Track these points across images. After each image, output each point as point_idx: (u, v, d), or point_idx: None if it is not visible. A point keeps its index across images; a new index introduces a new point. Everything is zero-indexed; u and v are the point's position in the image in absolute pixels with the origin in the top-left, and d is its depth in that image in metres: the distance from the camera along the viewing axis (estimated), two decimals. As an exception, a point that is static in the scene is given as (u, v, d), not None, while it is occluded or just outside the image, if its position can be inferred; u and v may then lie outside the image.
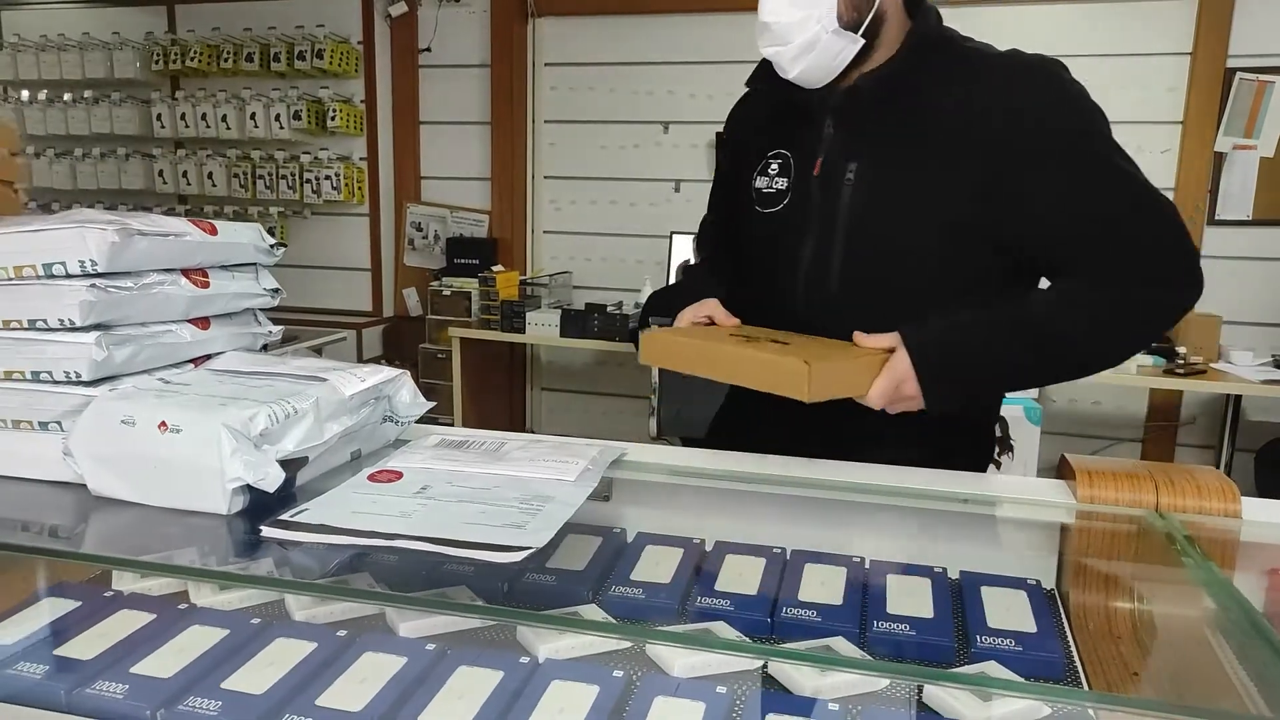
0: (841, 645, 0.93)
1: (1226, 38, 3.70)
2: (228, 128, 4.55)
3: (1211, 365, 3.50)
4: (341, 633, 0.95)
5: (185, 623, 0.96)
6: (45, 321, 1.00)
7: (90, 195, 4.88)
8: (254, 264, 1.22)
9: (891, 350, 1.13)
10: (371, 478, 1.01)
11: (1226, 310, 3.68)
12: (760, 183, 1.30)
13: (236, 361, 1.14)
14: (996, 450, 3.00)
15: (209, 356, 1.16)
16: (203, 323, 1.14)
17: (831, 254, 1.23)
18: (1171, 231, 1.14)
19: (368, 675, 0.84)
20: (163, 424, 0.93)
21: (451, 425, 2.21)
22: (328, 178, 4.50)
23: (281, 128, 4.47)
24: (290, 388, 1.03)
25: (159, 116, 4.65)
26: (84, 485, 0.99)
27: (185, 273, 1.11)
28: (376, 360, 4.68)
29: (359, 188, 4.60)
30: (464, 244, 4.56)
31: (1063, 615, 0.99)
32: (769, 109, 1.34)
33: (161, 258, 1.06)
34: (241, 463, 0.91)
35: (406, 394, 1.17)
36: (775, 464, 1.23)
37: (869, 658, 0.90)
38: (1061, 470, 1.11)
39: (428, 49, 4.53)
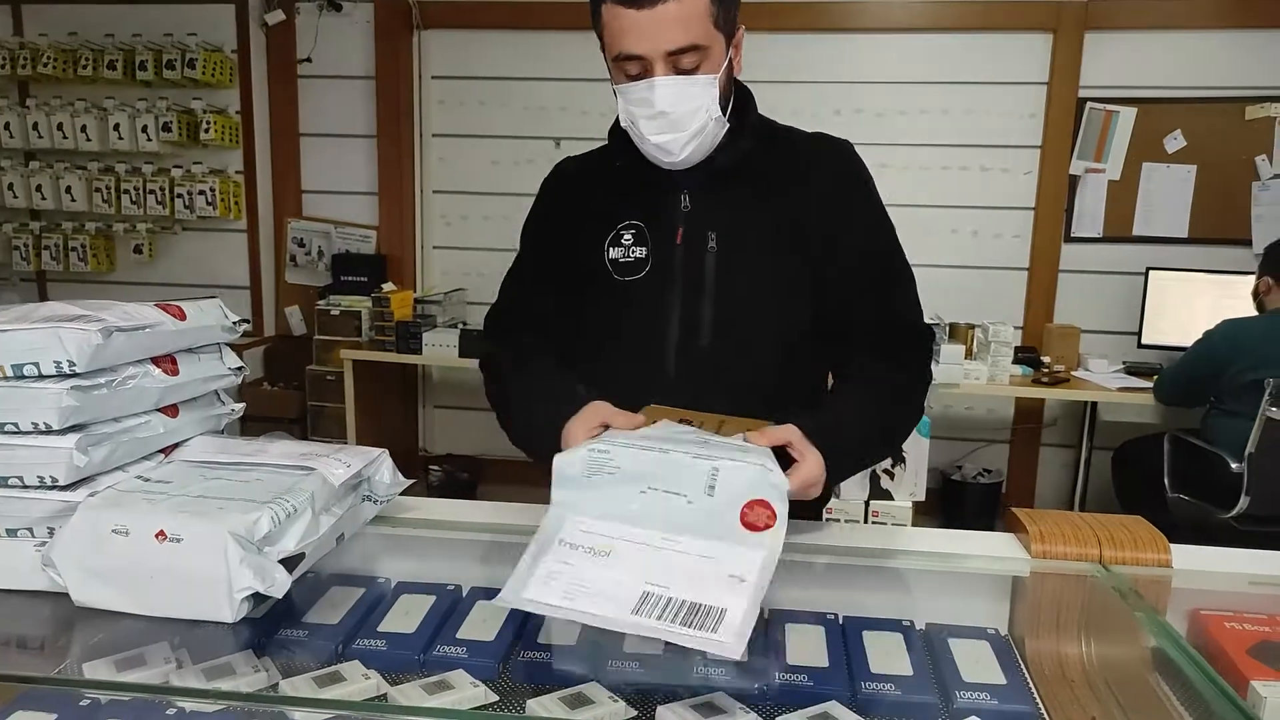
0: (838, 711, 0.99)
1: (1078, 71, 4.01)
2: (88, 139, 4.27)
3: (1072, 373, 3.80)
4: (346, 730, 0.95)
5: (177, 730, 0.94)
6: (16, 425, 0.95)
7: (-73, 209, 4.49)
8: (216, 343, 1.19)
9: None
10: None
11: (1083, 321, 4.01)
12: (615, 253, 1.36)
13: (209, 449, 1.11)
14: (890, 462, 3.17)
15: (176, 444, 1.12)
16: (172, 410, 1.10)
17: (701, 312, 1.33)
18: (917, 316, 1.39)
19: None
20: (160, 533, 0.90)
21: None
22: (201, 192, 4.29)
23: (149, 139, 4.23)
24: (280, 481, 1.01)
25: (7, 125, 4.32)
26: (58, 594, 0.95)
27: (154, 361, 1.07)
28: (258, 383, 4.50)
29: (236, 202, 4.41)
30: (351, 260, 4.44)
31: (1021, 662, 1.08)
32: (607, 184, 1.40)
33: (135, 351, 1.02)
34: (250, 570, 0.89)
35: (386, 473, 1.17)
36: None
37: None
38: (1010, 524, 1.22)
39: (308, 59, 4.38)
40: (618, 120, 1.35)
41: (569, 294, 1.40)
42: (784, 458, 1.20)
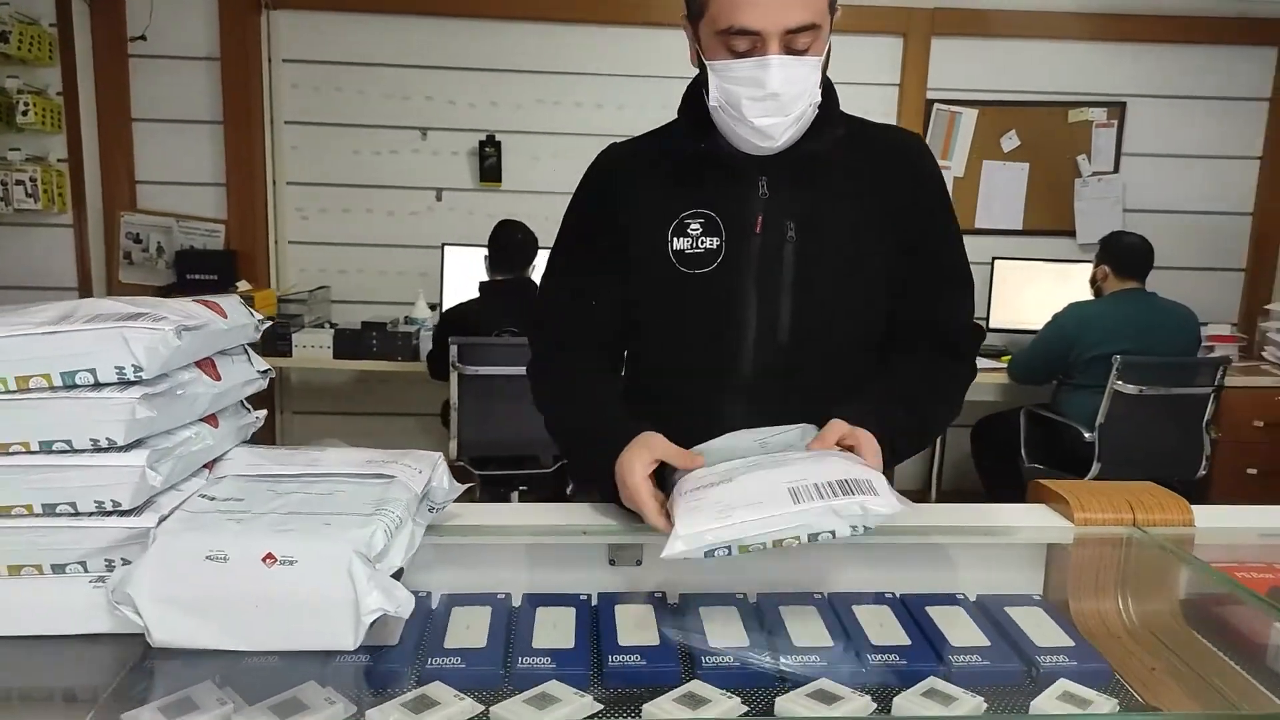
0: (943, 685, 1.01)
1: (925, 74, 4.29)
2: None
3: (932, 356, 4.06)
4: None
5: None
6: (68, 443, 0.81)
7: None
8: (241, 345, 1.06)
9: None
10: None
11: (938, 308, 4.29)
12: (680, 243, 1.28)
13: (257, 460, 0.99)
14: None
15: (215, 458, 1.00)
16: (213, 420, 0.97)
17: (779, 309, 1.28)
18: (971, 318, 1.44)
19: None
20: (269, 556, 0.80)
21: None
22: (20, 182, 3.82)
23: (-48, 122, 3.73)
24: (366, 491, 0.92)
25: None
26: (114, 635, 0.83)
27: (197, 365, 0.94)
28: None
29: (60, 194, 3.95)
30: (197, 257, 4.09)
31: (1073, 624, 1.15)
32: (666, 170, 1.32)
33: (189, 353, 0.90)
34: (379, 590, 0.81)
35: (444, 479, 1.09)
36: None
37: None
38: (1038, 496, 1.29)
39: (141, 37, 3.99)
40: (688, 101, 1.30)
41: (625, 290, 1.32)
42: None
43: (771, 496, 0.98)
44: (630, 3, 4.12)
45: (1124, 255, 3.53)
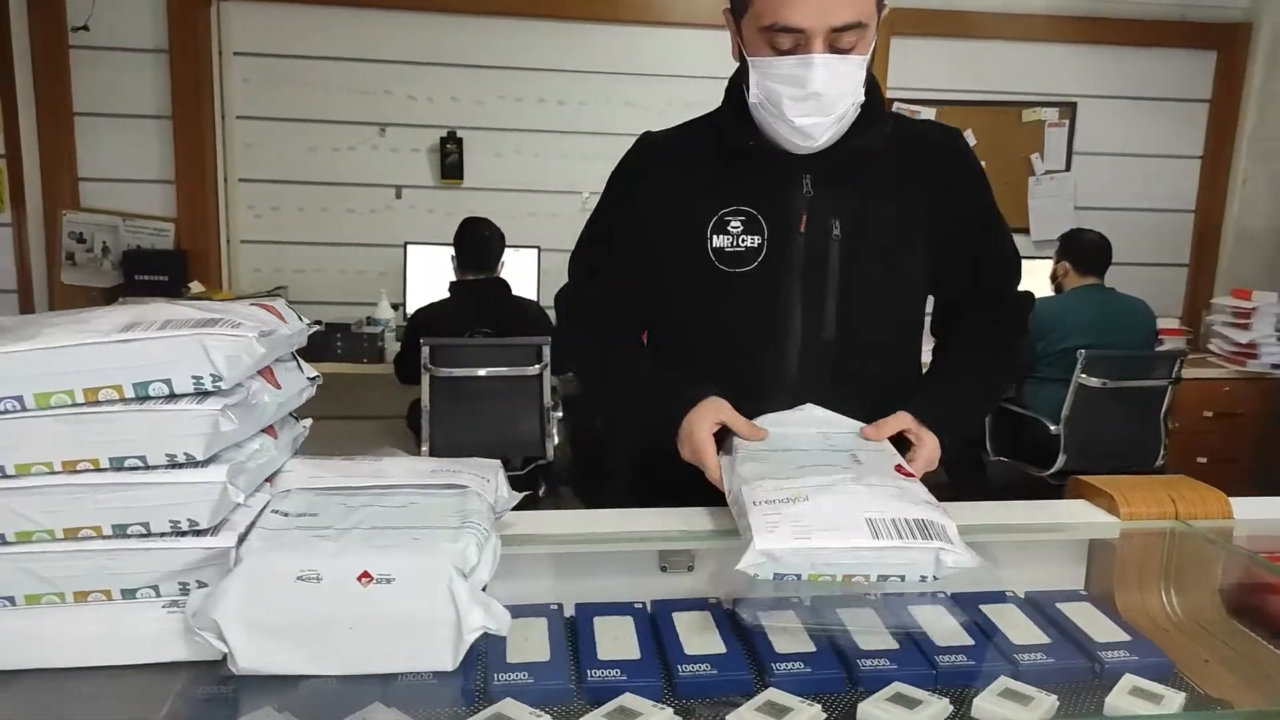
0: (1016, 685, 1.01)
1: (885, 73, 4.33)
2: None
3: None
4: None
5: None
6: (142, 460, 0.75)
7: None
8: (290, 351, 1.01)
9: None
10: None
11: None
12: (720, 241, 1.27)
13: (316, 472, 0.94)
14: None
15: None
16: (272, 431, 0.92)
17: (825, 306, 1.28)
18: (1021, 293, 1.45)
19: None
20: (365, 574, 0.75)
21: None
22: (-47, 179, 3.63)
23: (-122, 114, 3.51)
24: (444, 503, 0.88)
25: None
26: (183, 664, 0.78)
27: (260, 374, 0.89)
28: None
29: (-3, 191, 3.76)
30: (146, 257, 3.93)
31: (1124, 619, 1.16)
32: (706, 165, 1.31)
33: (259, 360, 0.84)
34: (480, 608, 0.77)
35: (504, 488, 1.05)
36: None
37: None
38: (1079, 492, 1.31)
39: (84, 27, 3.81)
40: (731, 97, 1.28)
41: (659, 285, 1.32)
42: (900, 442, 1.22)
43: (850, 524, 0.97)
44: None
45: (1084, 252, 3.62)
